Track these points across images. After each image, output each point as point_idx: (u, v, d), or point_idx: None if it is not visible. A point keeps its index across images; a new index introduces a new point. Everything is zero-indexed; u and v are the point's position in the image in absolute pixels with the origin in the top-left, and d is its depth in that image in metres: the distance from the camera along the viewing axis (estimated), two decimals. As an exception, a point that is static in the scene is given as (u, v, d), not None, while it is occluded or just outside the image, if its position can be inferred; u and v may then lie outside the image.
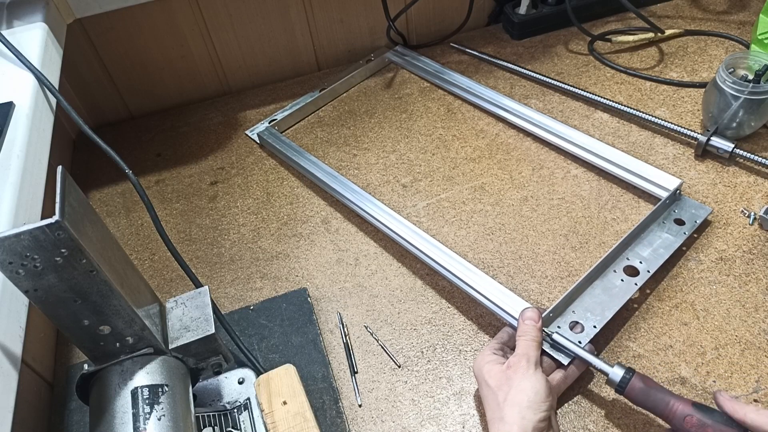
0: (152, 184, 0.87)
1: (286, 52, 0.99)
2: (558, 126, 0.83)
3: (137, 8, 0.82)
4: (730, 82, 0.75)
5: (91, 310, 0.44)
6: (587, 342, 0.60)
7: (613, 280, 0.65)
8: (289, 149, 0.85)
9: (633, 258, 0.67)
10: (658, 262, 0.67)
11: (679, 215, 0.71)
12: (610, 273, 0.66)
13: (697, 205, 0.73)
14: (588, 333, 0.61)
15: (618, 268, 0.66)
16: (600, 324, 0.61)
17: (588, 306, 0.63)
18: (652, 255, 0.67)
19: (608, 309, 0.63)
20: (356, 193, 0.77)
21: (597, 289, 0.65)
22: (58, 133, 0.79)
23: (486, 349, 0.59)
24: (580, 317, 0.62)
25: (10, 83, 0.63)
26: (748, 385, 0.58)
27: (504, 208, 0.77)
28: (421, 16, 1.01)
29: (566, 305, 0.63)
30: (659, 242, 0.69)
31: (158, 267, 0.76)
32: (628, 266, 0.67)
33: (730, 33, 0.97)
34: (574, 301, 0.64)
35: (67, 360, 0.68)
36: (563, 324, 0.62)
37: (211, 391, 0.59)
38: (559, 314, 0.62)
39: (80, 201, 0.44)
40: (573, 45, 1.00)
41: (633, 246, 0.68)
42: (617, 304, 0.63)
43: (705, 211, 0.72)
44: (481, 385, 0.56)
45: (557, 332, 0.60)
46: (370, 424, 0.60)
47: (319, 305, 0.70)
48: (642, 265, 0.66)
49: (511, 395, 0.53)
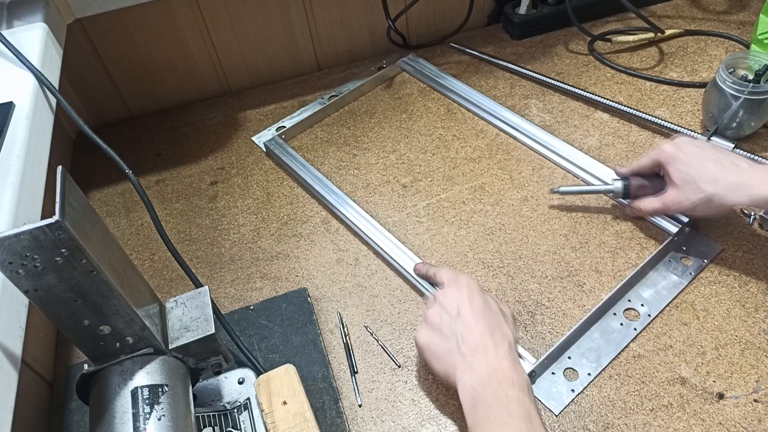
0: (152, 184, 0.87)
1: (286, 52, 0.99)
2: (555, 142, 0.82)
3: (137, 8, 0.82)
4: (730, 82, 0.75)
5: (91, 310, 0.44)
6: (580, 391, 0.59)
7: (612, 324, 0.64)
8: (294, 162, 0.84)
9: (635, 300, 0.65)
10: (660, 305, 0.65)
11: (687, 253, 0.69)
12: (609, 316, 0.64)
13: (708, 242, 0.69)
14: (582, 381, 0.60)
15: (618, 311, 0.65)
16: (595, 372, 0.60)
17: (584, 352, 0.62)
18: (655, 297, 0.65)
19: (604, 356, 0.61)
20: (357, 212, 0.76)
21: (595, 332, 0.63)
22: (58, 133, 0.79)
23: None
24: (575, 363, 0.61)
25: (10, 83, 0.63)
26: (748, 385, 0.58)
27: (504, 208, 0.77)
28: (421, 16, 1.01)
29: (562, 350, 0.62)
30: (663, 283, 0.66)
31: (158, 267, 0.76)
32: (629, 309, 0.65)
33: (730, 33, 0.97)
34: (571, 346, 0.62)
35: (67, 360, 0.68)
36: (557, 371, 0.61)
37: (211, 391, 0.59)
38: (554, 360, 0.62)
39: (80, 201, 0.44)
40: (573, 45, 1.00)
41: (636, 286, 0.66)
42: (614, 351, 0.62)
43: (715, 250, 0.69)
44: (429, 354, 0.57)
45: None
46: (370, 424, 0.60)
47: (319, 305, 0.70)
48: (643, 309, 0.65)
49: (458, 327, 0.55)
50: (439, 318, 0.57)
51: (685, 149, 0.65)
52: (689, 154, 0.64)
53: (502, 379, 0.51)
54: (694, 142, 0.66)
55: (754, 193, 0.60)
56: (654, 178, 0.70)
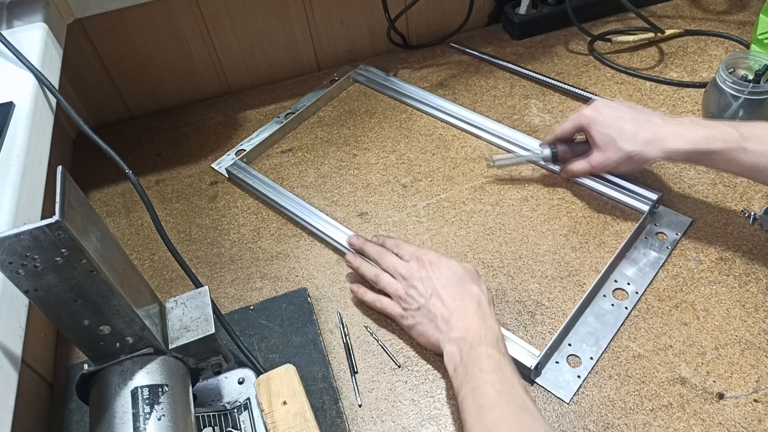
0: (152, 184, 0.87)
1: (286, 52, 0.99)
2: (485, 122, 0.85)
3: (137, 8, 0.82)
4: (730, 82, 0.75)
5: (91, 310, 0.44)
6: (586, 376, 0.60)
7: (604, 306, 0.66)
8: (260, 183, 0.81)
9: (621, 280, 0.68)
10: (645, 281, 0.67)
11: (661, 229, 0.72)
12: (600, 298, 0.66)
13: (678, 216, 0.73)
14: (586, 366, 0.61)
15: (607, 292, 0.67)
16: (596, 355, 0.62)
17: (582, 337, 0.63)
18: (638, 275, 0.68)
19: (602, 338, 0.63)
20: (332, 226, 0.75)
21: (589, 317, 0.65)
22: (58, 133, 0.79)
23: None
24: (576, 349, 0.62)
25: (10, 83, 0.63)
26: (748, 385, 0.58)
27: (504, 208, 0.77)
28: (421, 16, 1.01)
29: (561, 339, 0.63)
30: (644, 260, 0.69)
31: (158, 267, 0.76)
32: (617, 289, 0.67)
33: (730, 33, 0.97)
34: (569, 333, 0.64)
35: (67, 360, 0.68)
36: (561, 359, 0.62)
37: (211, 391, 0.59)
38: (556, 349, 0.62)
39: (80, 201, 0.44)
40: (573, 45, 1.00)
41: (619, 267, 0.69)
42: (610, 332, 0.63)
43: (686, 222, 0.72)
44: (422, 339, 0.61)
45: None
46: (370, 424, 0.60)
47: (319, 305, 0.70)
48: (630, 287, 0.67)
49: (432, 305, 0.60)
50: (417, 303, 0.61)
51: (603, 112, 0.69)
52: (607, 116, 0.69)
53: (473, 339, 0.55)
54: (611, 104, 0.71)
55: (666, 146, 0.65)
56: (579, 143, 0.75)
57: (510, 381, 0.52)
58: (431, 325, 0.59)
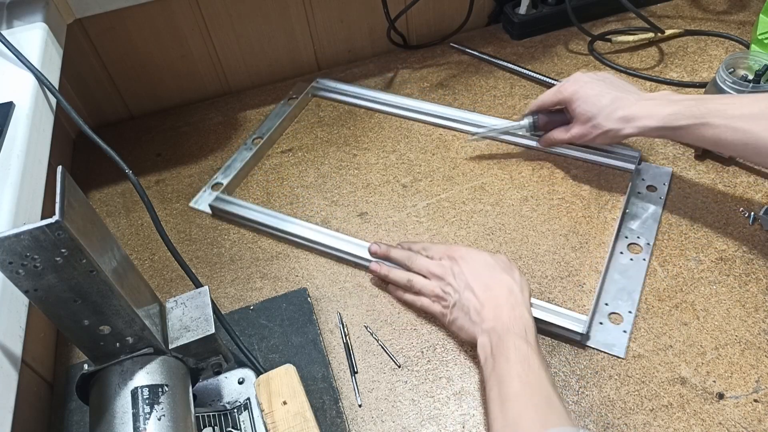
0: (152, 184, 0.87)
1: (286, 52, 0.99)
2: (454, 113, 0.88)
3: (137, 8, 0.82)
4: (730, 82, 0.75)
5: (91, 310, 0.44)
6: (631, 330, 0.63)
7: (623, 261, 0.70)
8: (248, 211, 0.78)
9: (631, 235, 0.72)
10: (652, 232, 0.72)
11: (649, 182, 0.77)
12: (618, 255, 0.70)
13: (659, 168, 0.79)
14: (627, 321, 0.64)
15: (623, 249, 0.71)
16: (633, 308, 0.65)
17: (615, 294, 0.67)
18: (644, 227, 0.73)
19: (633, 291, 0.67)
20: (331, 236, 0.74)
21: (615, 274, 0.69)
22: (58, 133, 0.79)
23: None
24: (613, 307, 0.66)
25: (10, 83, 0.63)
26: (748, 385, 0.58)
27: (504, 208, 0.77)
28: (421, 17, 1.01)
29: (597, 301, 0.66)
30: (645, 214, 0.74)
31: (158, 267, 0.76)
32: (630, 244, 0.71)
33: (730, 33, 0.97)
34: (602, 294, 0.67)
35: (67, 360, 0.68)
36: (604, 319, 0.65)
37: (211, 391, 0.59)
38: (596, 311, 0.65)
39: (80, 201, 0.44)
40: (573, 45, 1.00)
41: (626, 224, 0.73)
42: (638, 284, 0.67)
43: (668, 173, 0.78)
44: (463, 333, 0.62)
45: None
46: (370, 424, 0.60)
47: (319, 305, 0.70)
48: (641, 240, 0.71)
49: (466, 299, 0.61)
50: (452, 300, 0.62)
51: (584, 87, 0.72)
52: (588, 92, 0.72)
53: (501, 329, 0.56)
54: (591, 81, 0.73)
55: (641, 124, 0.68)
56: (558, 113, 0.78)
57: (537, 373, 0.52)
58: (467, 318, 0.60)
